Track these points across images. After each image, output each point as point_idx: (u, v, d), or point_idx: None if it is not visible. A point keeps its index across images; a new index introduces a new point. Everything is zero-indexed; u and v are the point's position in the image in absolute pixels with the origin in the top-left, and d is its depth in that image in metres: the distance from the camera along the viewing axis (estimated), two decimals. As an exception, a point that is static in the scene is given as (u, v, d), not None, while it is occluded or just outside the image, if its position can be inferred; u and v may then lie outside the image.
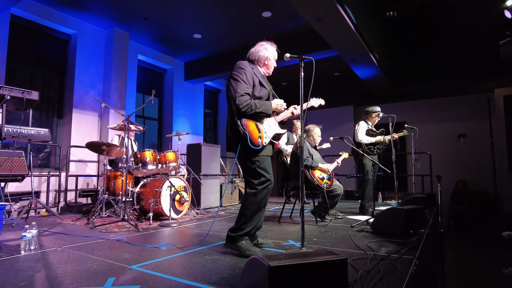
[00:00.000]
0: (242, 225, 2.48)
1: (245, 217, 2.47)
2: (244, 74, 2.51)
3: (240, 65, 2.57)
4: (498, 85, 8.20)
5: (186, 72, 8.73)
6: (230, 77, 2.54)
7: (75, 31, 6.28)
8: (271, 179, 2.51)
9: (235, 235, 2.48)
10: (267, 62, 2.72)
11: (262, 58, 2.69)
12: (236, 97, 2.43)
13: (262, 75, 2.68)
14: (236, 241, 2.47)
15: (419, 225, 3.18)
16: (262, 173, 2.48)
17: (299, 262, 1.39)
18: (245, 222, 2.47)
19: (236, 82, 2.48)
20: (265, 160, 2.54)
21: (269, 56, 2.71)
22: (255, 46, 2.74)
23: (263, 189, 2.47)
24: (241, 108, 2.41)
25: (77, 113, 6.19)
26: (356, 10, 5.32)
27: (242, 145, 2.44)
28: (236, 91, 2.45)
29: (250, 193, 2.49)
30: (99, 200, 4.39)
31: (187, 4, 5.84)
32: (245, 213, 2.48)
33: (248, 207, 2.47)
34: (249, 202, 2.47)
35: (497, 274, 4.69)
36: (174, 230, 3.66)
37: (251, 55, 2.71)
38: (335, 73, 9.46)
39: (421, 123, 8.74)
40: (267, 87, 2.66)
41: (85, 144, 4.34)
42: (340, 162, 4.44)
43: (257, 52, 2.70)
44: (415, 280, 1.94)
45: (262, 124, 2.54)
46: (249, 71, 2.56)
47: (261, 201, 2.49)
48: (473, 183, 8.47)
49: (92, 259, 2.38)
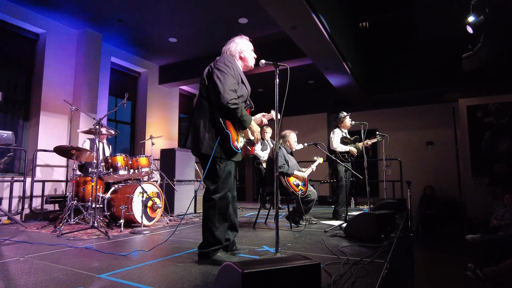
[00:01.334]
0: (210, 239, 2.32)
1: (209, 230, 2.31)
2: (232, 68, 2.34)
3: (228, 57, 2.40)
4: (462, 96, 8.67)
5: (161, 76, 8.59)
6: (216, 68, 2.33)
7: (44, 30, 6.03)
8: (229, 188, 2.38)
9: (206, 251, 2.33)
10: (243, 54, 2.56)
11: (236, 52, 2.53)
12: (225, 90, 2.22)
13: (241, 71, 2.53)
14: (211, 255, 2.34)
15: (390, 229, 3.27)
16: (225, 179, 2.35)
17: (273, 267, 1.39)
18: (212, 236, 2.31)
19: (224, 74, 2.28)
20: (232, 165, 2.44)
21: (242, 48, 2.55)
22: (225, 44, 2.59)
23: (221, 198, 2.32)
24: (229, 104, 2.21)
25: (45, 115, 5.92)
26: (330, 20, 5.46)
27: (219, 145, 2.30)
28: (224, 84, 2.24)
29: (209, 205, 2.33)
30: (67, 207, 4.19)
31: (163, 8, 5.77)
32: (209, 227, 2.31)
33: (210, 218, 2.31)
34: (210, 214, 2.31)
35: (461, 276, 4.90)
36: (146, 237, 3.56)
37: (225, 52, 2.55)
38: (310, 80, 9.64)
39: (392, 130, 9.05)
40: (247, 87, 2.53)
41: (53, 148, 4.16)
42: (315, 168, 4.50)
43: (228, 47, 2.55)
44: (386, 283, 1.99)
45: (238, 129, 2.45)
46: (236, 66, 2.41)
47: (223, 211, 2.34)
48: (440, 189, 8.85)
49: (58, 268, 2.26)
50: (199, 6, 5.75)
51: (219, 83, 2.26)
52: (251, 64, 2.62)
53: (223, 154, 2.34)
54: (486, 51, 5.68)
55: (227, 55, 2.46)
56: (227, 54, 2.48)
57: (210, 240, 2.33)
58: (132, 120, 8.31)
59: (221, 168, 2.35)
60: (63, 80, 6.29)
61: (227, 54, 2.49)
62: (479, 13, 5.27)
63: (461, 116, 8.69)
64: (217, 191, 2.33)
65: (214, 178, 2.36)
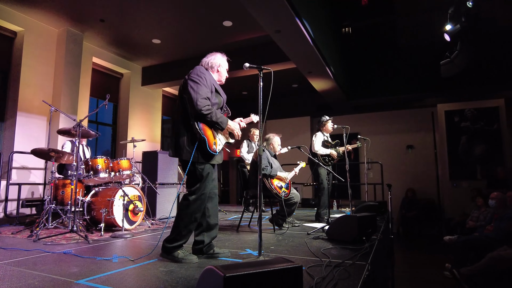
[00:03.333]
0: (177, 236, 2.48)
1: (179, 228, 2.47)
2: (204, 78, 2.53)
3: (200, 69, 2.60)
4: (441, 101, 8.94)
5: (143, 77, 8.48)
6: (189, 79, 2.51)
7: (22, 28, 5.86)
8: (205, 191, 2.51)
9: (170, 246, 2.48)
10: (220, 69, 2.77)
11: (215, 65, 2.73)
12: (198, 98, 2.40)
13: (216, 82, 2.72)
14: (172, 251, 2.48)
15: (372, 231, 3.32)
16: (203, 181, 2.49)
17: (255, 271, 1.39)
18: (180, 233, 2.47)
19: (196, 84, 2.46)
20: (210, 168, 2.56)
21: (221, 64, 2.77)
22: (206, 56, 2.78)
23: (195, 200, 2.47)
24: (202, 111, 2.39)
25: (22, 116, 5.74)
26: (314, 25, 5.54)
27: (197, 150, 2.44)
28: (197, 92, 2.43)
29: (183, 204, 2.49)
30: (45, 210, 4.06)
31: (147, 9, 5.71)
32: (179, 224, 2.48)
33: (182, 218, 2.48)
34: (183, 213, 2.47)
35: (440, 276, 5.04)
36: (127, 241, 3.50)
37: (204, 63, 2.74)
38: (293, 84, 9.73)
39: (373, 134, 9.22)
40: (222, 96, 2.70)
41: (31, 151, 4.04)
42: (297, 171, 4.54)
43: (209, 60, 2.74)
44: (367, 284, 2.02)
45: (216, 132, 2.58)
46: (209, 77, 2.60)
47: (195, 213, 2.48)
48: (420, 191, 9.07)
49: (34, 275, 2.19)
50: (184, 8, 5.71)
51: (192, 92, 2.44)
52: (223, 79, 2.84)
53: (201, 158, 2.49)
54: (462, 58, 5.89)
55: (200, 67, 2.65)
56: (200, 66, 2.67)
57: (176, 236, 2.48)
58: (114, 121, 8.16)
59: (199, 172, 2.50)
60: (42, 80, 6.11)
61: (200, 66, 2.69)
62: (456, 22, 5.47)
63: (440, 120, 8.96)
64: (194, 193, 2.49)
65: (193, 181, 2.53)
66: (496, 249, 4.40)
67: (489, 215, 5.68)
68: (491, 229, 5.17)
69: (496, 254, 4.26)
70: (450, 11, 5.54)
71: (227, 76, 2.87)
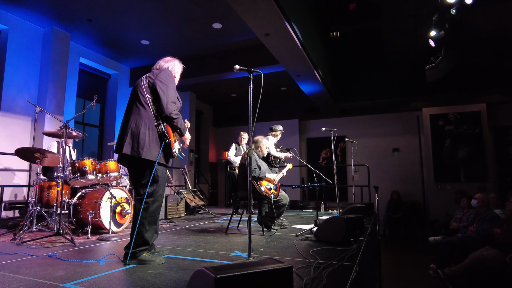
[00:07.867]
0: (139, 240, 2.44)
1: (141, 232, 2.43)
2: (173, 82, 2.56)
3: (169, 73, 2.61)
4: (426, 105, 9.14)
5: (131, 78, 8.40)
6: (158, 81, 2.50)
7: (6, 26, 5.74)
8: (162, 193, 2.54)
9: (135, 251, 2.43)
10: (177, 76, 2.81)
11: (176, 72, 2.79)
12: (168, 101, 2.43)
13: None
14: (137, 255, 2.44)
15: (359, 233, 3.37)
16: (159, 183, 2.50)
17: (245, 272, 1.40)
18: (142, 237, 2.43)
19: (166, 87, 2.48)
20: (165, 171, 2.61)
21: (178, 71, 2.81)
22: (165, 60, 2.78)
23: (153, 202, 2.47)
24: (172, 115, 2.43)
25: (5, 116, 5.61)
26: (303, 28, 5.60)
27: (162, 151, 2.44)
28: (168, 96, 2.45)
29: (142, 207, 2.44)
30: (29, 213, 3.96)
31: (136, 9, 5.67)
32: (140, 229, 2.43)
33: (142, 222, 2.43)
34: (142, 217, 2.43)
35: (425, 276, 5.14)
36: (115, 244, 3.45)
37: (170, 67, 2.75)
38: (282, 87, 9.79)
39: (360, 137, 9.36)
40: (180, 102, 2.71)
41: (15, 151, 3.94)
42: (285, 173, 4.59)
43: (171, 65, 2.75)
44: (355, 285, 2.05)
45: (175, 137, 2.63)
46: (174, 82, 2.63)
47: (154, 213, 2.48)
48: (405, 194, 9.24)
49: (18, 279, 2.14)
50: (173, 9, 5.70)
51: (162, 94, 2.44)
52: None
53: (163, 160, 2.51)
54: (446, 63, 6.06)
55: (168, 70, 2.65)
56: (168, 70, 2.66)
57: (138, 241, 2.43)
58: (101, 123, 8.05)
59: (158, 173, 2.49)
60: (27, 80, 5.99)
61: (167, 69, 2.67)
62: (440, 28, 5.62)
63: (425, 124, 9.16)
64: (152, 195, 2.47)
65: (152, 183, 2.47)
66: (479, 249, 4.52)
67: (471, 216, 5.84)
68: (474, 230, 5.32)
69: (479, 254, 4.38)
70: (435, 18, 5.69)
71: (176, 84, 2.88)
